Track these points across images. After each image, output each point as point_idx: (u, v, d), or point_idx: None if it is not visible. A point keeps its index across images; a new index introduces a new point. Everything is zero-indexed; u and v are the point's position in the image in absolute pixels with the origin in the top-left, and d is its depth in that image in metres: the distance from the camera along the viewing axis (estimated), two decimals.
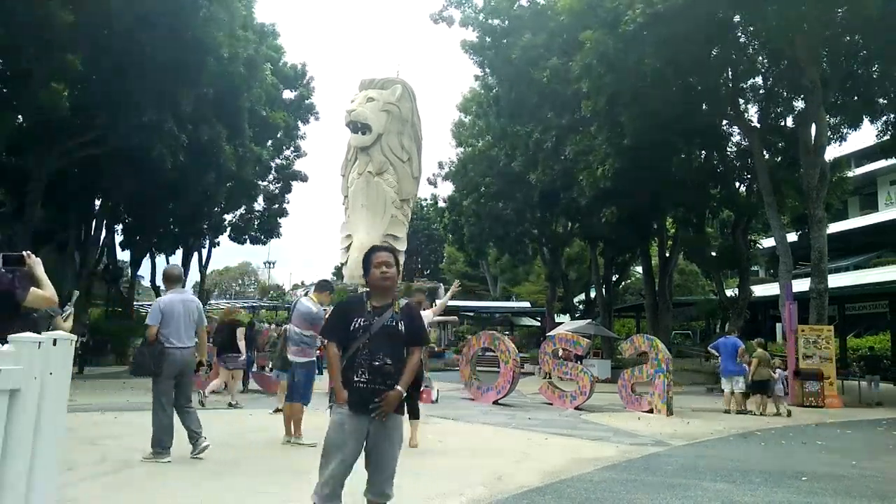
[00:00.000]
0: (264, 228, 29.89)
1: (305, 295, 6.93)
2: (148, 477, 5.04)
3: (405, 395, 3.19)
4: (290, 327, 6.64)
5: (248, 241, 29.67)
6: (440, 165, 36.03)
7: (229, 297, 62.25)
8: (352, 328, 3.25)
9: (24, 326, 2.93)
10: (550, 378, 13.62)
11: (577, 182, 19.36)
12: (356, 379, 3.14)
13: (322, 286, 7.11)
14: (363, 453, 3.21)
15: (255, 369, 14.04)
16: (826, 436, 9.34)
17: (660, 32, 14.26)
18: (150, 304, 10.76)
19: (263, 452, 6.26)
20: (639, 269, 30.49)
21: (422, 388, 9.87)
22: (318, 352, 7.24)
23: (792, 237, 19.73)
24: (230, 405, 10.33)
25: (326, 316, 6.62)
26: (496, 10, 20.44)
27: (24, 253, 3.36)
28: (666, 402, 11.10)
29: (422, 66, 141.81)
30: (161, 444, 5.60)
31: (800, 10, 13.76)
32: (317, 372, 7.79)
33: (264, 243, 31.03)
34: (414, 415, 6.63)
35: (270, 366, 12.95)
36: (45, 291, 3.33)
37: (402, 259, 39.48)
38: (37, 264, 3.37)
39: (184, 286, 6.27)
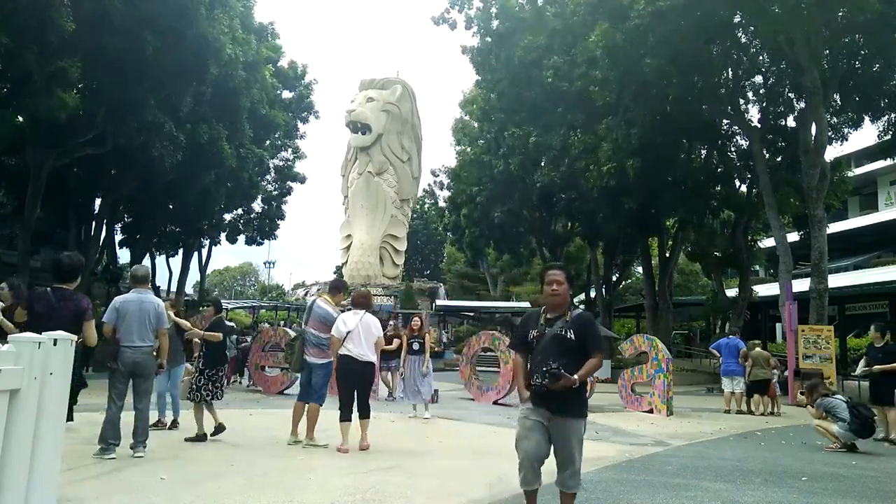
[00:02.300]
0: (262, 229, 29.86)
1: (319, 296, 6.93)
2: (148, 477, 5.03)
3: (575, 385, 3.52)
4: (308, 330, 6.67)
5: (244, 241, 29.63)
6: (433, 174, 36.06)
7: (229, 297, 62.25)
8: (529, 339, 3.79)
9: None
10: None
11: (583, 180, 19.31)
12: (533, 382, 3.66)
13: (335, 287, 7.13)
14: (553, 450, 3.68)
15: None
16: None
17: (663, 30, 14.27)
18: None
19: (265, 452, 6.25)
20: (639, 269, 30.43)
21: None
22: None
23: (792, 237, 19.71)
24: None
25: (339, 316, 6.61)
26: (500, 13, 20.48)
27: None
28: (666, 402, 11.10)
29: (422, 66, 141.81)
30: (106, 440, 5.57)
31: (800, 10, 13.76)
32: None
33: (260, 244, 31.03)
34: (364, 413, 6.44)
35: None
36: (93, 333, 5.15)
37: (402, 259, 39.31)
38: None
39: (149, 286, 6.23)
